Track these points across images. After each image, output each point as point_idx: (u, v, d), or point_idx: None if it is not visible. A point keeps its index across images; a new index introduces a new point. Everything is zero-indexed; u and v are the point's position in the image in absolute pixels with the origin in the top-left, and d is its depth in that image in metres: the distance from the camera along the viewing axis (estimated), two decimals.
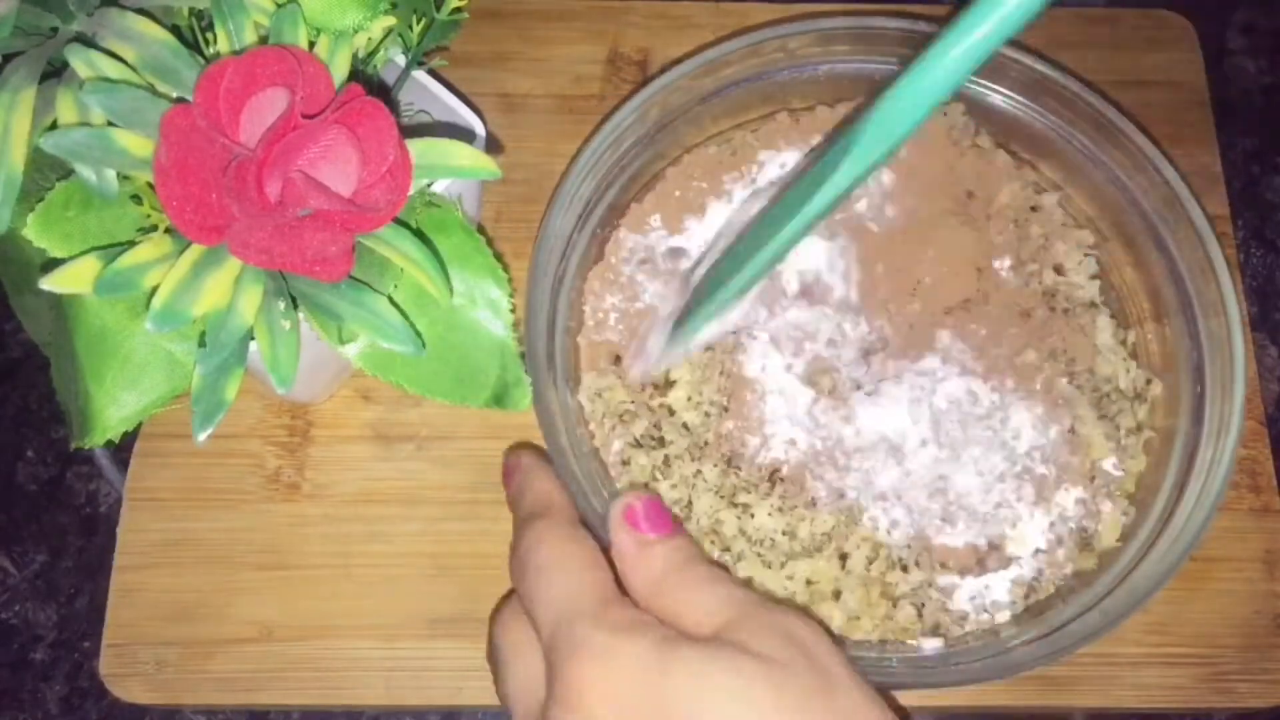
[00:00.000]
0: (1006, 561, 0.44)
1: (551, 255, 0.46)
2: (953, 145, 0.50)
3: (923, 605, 0.43)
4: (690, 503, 0.45)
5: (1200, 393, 0.45)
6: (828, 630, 0.38)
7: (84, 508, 0.53)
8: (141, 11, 0.37)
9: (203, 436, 0.36)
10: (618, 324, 0.48)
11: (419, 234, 0.39)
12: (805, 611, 0.39)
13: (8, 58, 0.36)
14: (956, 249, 0.48)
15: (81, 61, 0.35)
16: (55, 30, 0.37)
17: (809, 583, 0.44)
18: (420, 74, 0.45)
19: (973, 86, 0.50)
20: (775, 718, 0.31)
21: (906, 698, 0.42)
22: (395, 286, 0.39)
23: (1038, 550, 0.44)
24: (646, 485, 0.45)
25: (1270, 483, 0.51)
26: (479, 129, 0.45)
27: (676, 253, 0.49)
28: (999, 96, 0.50)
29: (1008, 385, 0.46)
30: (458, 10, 0.42)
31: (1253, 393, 0.52)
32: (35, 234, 0.35)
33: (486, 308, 0.41)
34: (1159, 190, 0.47)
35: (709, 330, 0.46)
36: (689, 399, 0.46)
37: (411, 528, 0.49)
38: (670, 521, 0.37)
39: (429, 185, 0.41)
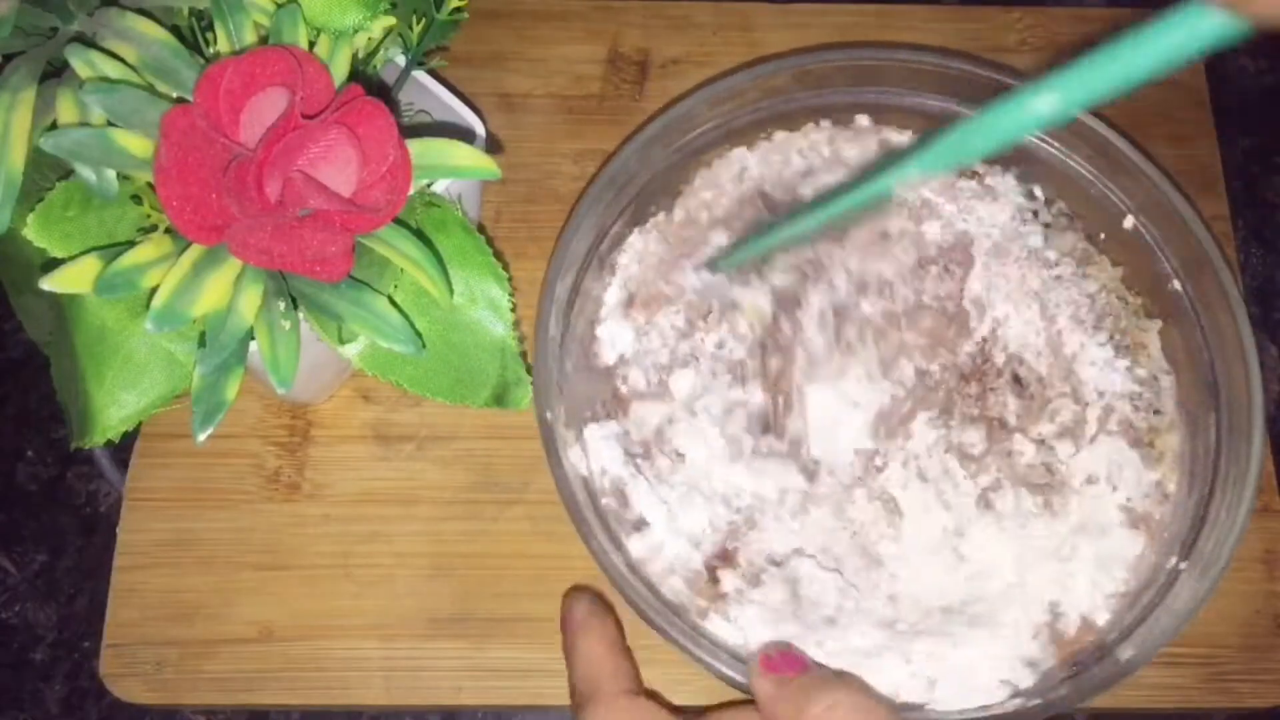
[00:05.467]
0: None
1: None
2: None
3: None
4: None
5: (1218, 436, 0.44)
6: None
7: (84, 508, 0.53)
8: (141, 11, 0.37)
9: (203, 436, 0.36)
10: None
11: (419, 234, 0.39)
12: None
13: (8, 58, 0.36)
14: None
15: (81, 61, 0.35)
16: (55, 30, 0.37)
17: None
18: (420, 74, 0.45)
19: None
20: None
21: None
22: (395, 286, 0.39)
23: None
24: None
25: (1270, 483, 0.51)
26: (479, 129, 0.45)
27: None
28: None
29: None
30: (458, 10, 0.42)
31: None
32: (35, 234, 0.35)
33: (486, 307, 0.41)
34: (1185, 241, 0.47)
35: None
36: None
37: (411, 528, 0.49)
38: (803, 661, 0.39)
39: (429, 185, 0.41)
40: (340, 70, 0.38)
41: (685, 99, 0.48)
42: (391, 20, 0.40)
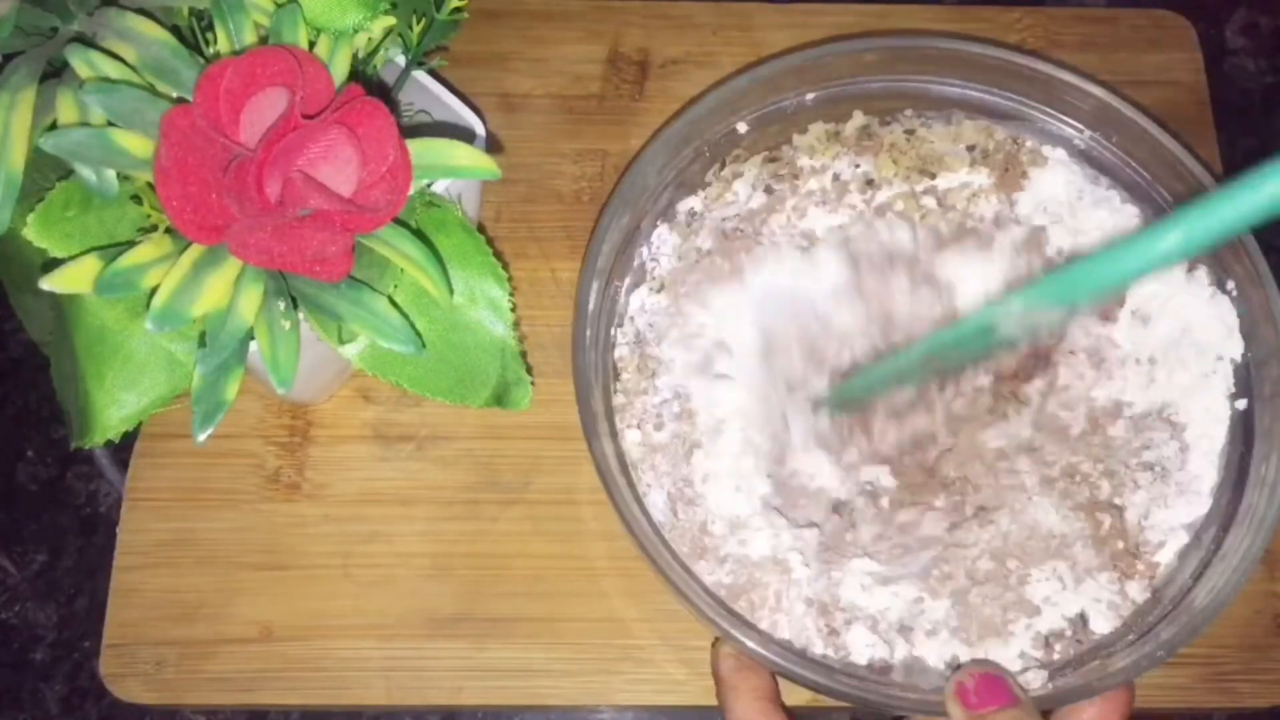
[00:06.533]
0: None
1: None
2: None
3: None
4: None
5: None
6: None
7: (84, 508, 0.53)
8: (141, 11, 0.37)
9: (203, 436, 0.36)
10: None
11: (419, 234, 0.39)
12: None
13: (8, 58, 0.36)
14: None
15: (81, 61, 0.35)
16: (55, 30, 0.37)
17: None
18: (420, 74, 0.45)
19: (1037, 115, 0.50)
20: None
21: None
22: (395, 286, 0.39)
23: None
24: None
25: None
26: (479, 129, 0.45)
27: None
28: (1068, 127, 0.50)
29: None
30: (458, 10, 0.42)
31: None
32: (35, 234, 0.35)
33: (487, 307, 0.41)
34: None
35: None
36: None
37: (411, 528, 0.49)
38: (1007, 692, 0.37)
39: (429, 185, 0.41)
40: (340, 70, 0.38)
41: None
42: (391, 20, 0.40)
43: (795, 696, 0.46)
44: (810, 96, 0.49)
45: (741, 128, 0.49)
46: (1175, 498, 0.45)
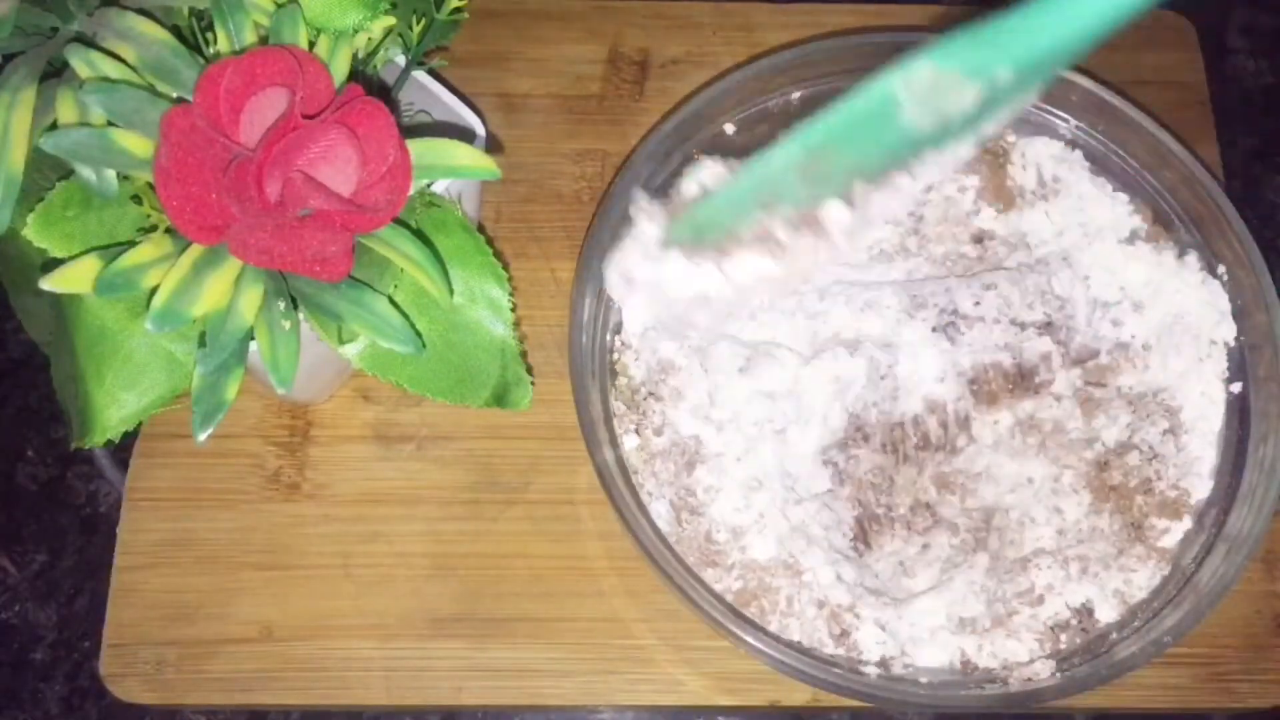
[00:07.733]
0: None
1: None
2: None
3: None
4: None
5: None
6: None
7: (84, 508, 0.53)
8: (141, 11, 0.37)
9: (203, 436, 0.36)
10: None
11: (419, 234, 0.39)
12: None
13: (8, 58, 0.36)
14: None
15: (81, 61, 0.35)
16: (55, 30, 0.37)
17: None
18: (420, 74, 0.45)
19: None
20: None
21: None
22: (395, 286, 0.39)
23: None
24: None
25: None
26: (479, 129, 0.45)
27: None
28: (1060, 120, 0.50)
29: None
30: (458, 10, 0.42)
31: None
32: (35, 234, 0.35)
33: (486, 307, 0.41)
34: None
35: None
36: None
37: (411, 528, 0.49)
38: None
39: (429, 185, 0.41)
40: (340, 70, 0.38)
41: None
42: (391, 20, 0.40)
43: (795, 696, 0.46)
44: (795, 95, 0.49)
45: (729, 129, 0.49)
46: (1176, 480, 0.45)
